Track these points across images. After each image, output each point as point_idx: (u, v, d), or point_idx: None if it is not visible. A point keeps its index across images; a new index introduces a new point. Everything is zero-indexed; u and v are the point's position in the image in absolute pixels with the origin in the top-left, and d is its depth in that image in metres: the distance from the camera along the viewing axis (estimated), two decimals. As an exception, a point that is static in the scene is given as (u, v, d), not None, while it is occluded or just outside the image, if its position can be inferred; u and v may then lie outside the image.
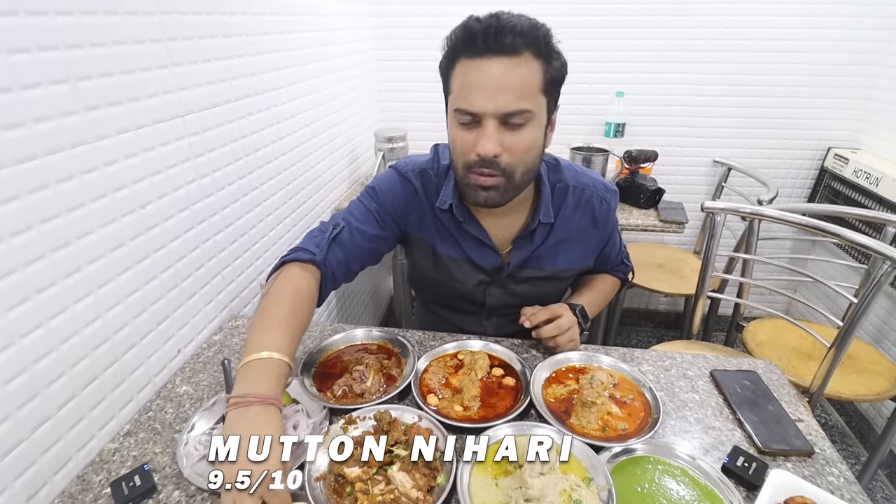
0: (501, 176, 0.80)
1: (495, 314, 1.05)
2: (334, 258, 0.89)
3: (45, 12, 0.63)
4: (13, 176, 0.60)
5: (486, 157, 0.78)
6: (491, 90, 0.74)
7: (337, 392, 0.82)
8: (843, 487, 0.67)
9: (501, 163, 0.79)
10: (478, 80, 0.75)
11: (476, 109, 0.76)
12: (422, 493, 0.63)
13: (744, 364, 0.91)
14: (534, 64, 0.76)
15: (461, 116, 0.79)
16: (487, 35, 0.73)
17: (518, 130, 0.78)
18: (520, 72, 0.75)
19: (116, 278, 0.78)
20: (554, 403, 0.80)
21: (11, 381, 0.62)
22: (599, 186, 0.99)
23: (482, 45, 0.74)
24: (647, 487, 0.65)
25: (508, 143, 0.78)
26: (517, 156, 0.79)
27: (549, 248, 0.96)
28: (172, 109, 0.87)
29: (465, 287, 1.00)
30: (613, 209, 1.01)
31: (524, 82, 0.75)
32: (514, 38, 0.73)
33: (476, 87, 0.75)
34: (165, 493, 0.67)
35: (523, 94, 0.75)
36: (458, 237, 0.96)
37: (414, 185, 0.96)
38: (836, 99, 1.93)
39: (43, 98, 0.63)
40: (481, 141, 0.77)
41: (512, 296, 1.00)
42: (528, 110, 0.76)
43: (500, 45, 0.73)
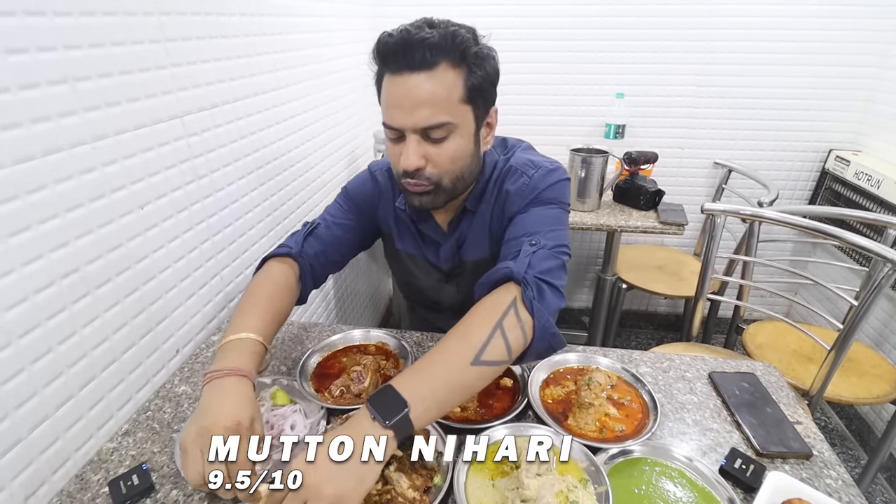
0: (428, 185, 0.81)
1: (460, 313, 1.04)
2: (311, 250, 0.92)
3: (44, 13, 0.63)
4: (11, 176, 0.60)
5: (408, 170, 0.79)
6: (408, 106, 0.75)
7: (335, 392, 0.82)
8: (841, 490, 0.67)
9: (426, 174, 0.80)
10: (396, 95, 0.76)
11: (396, 125, 0.77)
12: (418, 493, 0.63)
13: (742, 366, 0.91)
14: (451, 75, 0.75)
15: (388, 131, 0.80)
16: (398, 51, 0.73)
17: (441, 143, 0.78)
18: (436, 86, 0.74)
19: (115, 278, 0.78)
20: (551, 405, 0.79)
21: (9, 381, 0.62)
22: (522, 162, 0.91)
23: (394, 62, 0.75)
24: (644, 489, 0.65)
25: (432, 155, 0.79)
26: (442, 166, 0.80)
27: (474, 237, 0.95)
28: (171, 110, 0.87)
29: (423, 284, 1.03)
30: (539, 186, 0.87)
31: (441, 96, 0.74)
32: (425, 52, 0.72)
33: (395, 104, 0.76)
34: (163, 493, 0.67)
35: (441, 107, 0.75)
36: (416, 235, 0.99)
37: (380, 183, 1.01)
38: (837, 101, 1.92)
39: (41, 98, 0.63)
40: (403, 155, 0.78)
41: (465, 294, 1.01)
42: (446, 123, 0.76)
43: (411, 60, 0.73)
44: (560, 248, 0.79)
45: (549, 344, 0.71)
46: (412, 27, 0.75)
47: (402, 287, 1.15)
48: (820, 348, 1.23)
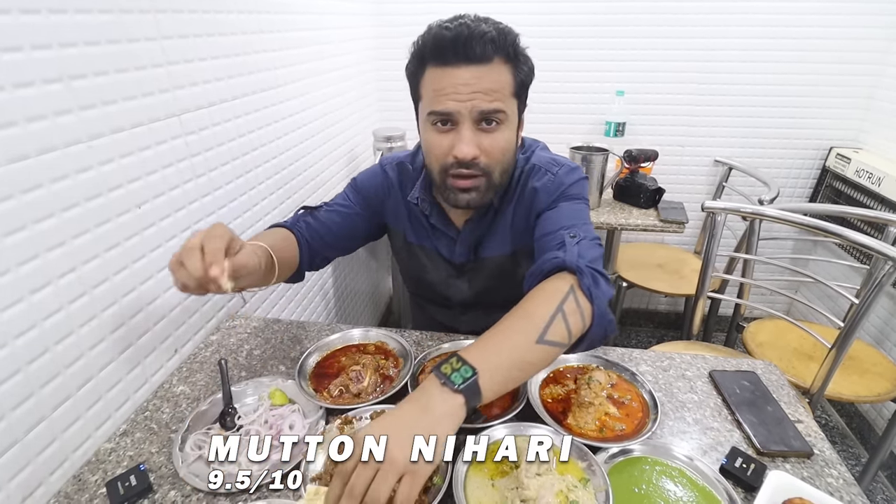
0: (481, 176, 0.81)
1: (469, 309, 1.05)
2: (307, 227, 0.96)
3: (39, 11, 0.63)
4: (6, 175, 0.60)
5: (464, 159, 0.78)
6: (466, 92, 0.75)
7: (333, 392, 0.81)
8: (842, 489, 0.66)
9: (480, 163, 0.80)
10: (452, 84, 0.76)
11: (451, 109, 0.77)
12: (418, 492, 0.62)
13: (743, 365, 0.91)
14: (504, 69, 0.77)
15: (436, 118, 0.79)
16: (457, 45, 0.74)
17: (494, 132, 0.79)
18: (492, 77, 0.76)
19: (112, 278, 0.77)
20: (551, 404, 0.79)
21: (5, 382, 0.62)
22: (545, 161, 0.93)
23: (452, 54, 0.75)
24: (644, 488, 0.65)
25: (485, 145, 0.79)
26: (494, 157, 0.81)
27: (498, 232, 0.95)
28: (168, 108, 0.87)
29: (434, 279, 1.02)
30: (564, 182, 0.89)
31: (497, 86, 0.77)
32: (485, 46, 0.74)
33: (450, 91, 0.76)
34: (161, 493, 0.67)
35: (497, 96, 0.77)
36: (428, 229, 0.98)
37: (390, 177, 1.01)
38: (838, 98, 1.91)
39: (36, 97, 0.63)
40: (459, 144, 0.78)
41: (476, 289, 1.00)
42: (502, 111, 0.78)
43: (471, 53, 0.74)
44: (597, 240, 0.81)
45: (605, 331, 0.71)
46: (468, 20, 0.75)
47: (410, 282, 1.13)
48: (821, 346, 1.23)
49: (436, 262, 1.01)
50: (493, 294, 1.01)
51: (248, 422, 0.76)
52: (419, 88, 0.82)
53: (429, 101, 0.80)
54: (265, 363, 0.92)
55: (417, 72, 0.81)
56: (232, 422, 0.76)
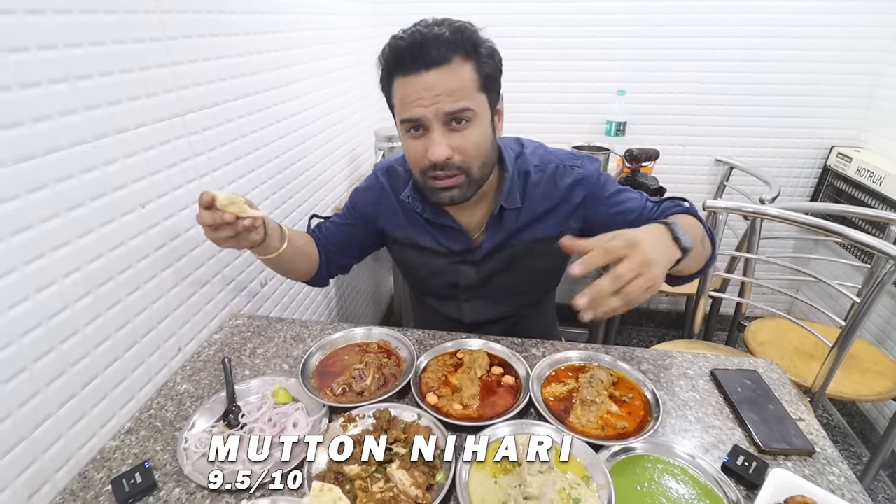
0: (459, 174, 0.83)
1: (474, 296, 1.05)
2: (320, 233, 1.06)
3: (44, 11, 0.63)
4: (12, 175, 0.61)
5: (437, 161, 0.80)
6: (429, 98, 0.77)
7: (336, 390, 0.82)
8: (843, 487, 0.67)
9: (456, 162, 0.82)
10: (416, 91, 0.78)
11: (419, 115, 0.79)
12: (421, 490, 0.63)
13: (744, 363, 0.91)
14: (465, 66, 0.79)
15: (408, 125, 0.82)
16: (413, 51, 0.76)
17: (464, 130, 0.81)
18: (453, 78, 0.77)
19: (116, 277, 0.78)
20: (553, 402, 0.79)
21: (12, 380, 0.63)
22: (565, 157, 0.98)
23: (411, 62, 0.77)
24: (646, 486, 0.65)
25: (457, 144, 0.81)
26: (469, 153, 0.82)
27: (523, 227, 0.97)
28: (172, 108, 0.87)
29: (438, 267, 1.03)
30: (593, 172, 0.96)
31: (459, 85, 0.78)
32: (439, 49, 0.76)
33: (414, 99, 0.78)
34: (166, 491, 0.67)
35: (461, 95, 0.78)
36: (424, 224, 1.00)
37: (382, 183, 1.04)
38: (839, 97, 1.91)
39: (42, 97, 0.64)
40: (431, 147, 0.80)
41: (486, 274, 1.01)
42: (469, 108, 0.79)
43: (427, 58, 0.76)
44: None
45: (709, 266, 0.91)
46: (421, 27, 0.78)
47: (413, 280, 1.13)
48: (822, 345, 1.23)
49: (438, 253, 1.02)
50: (503, 280, 1.01)
51: (251, 420, 0.76)
52: (391, 99, 0.85)
53: (399, 109, 0.82)
54: (268, 362, 0.93)
55: (386, 84, 0.84)
56: (236, 420, 0.77)
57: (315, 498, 0.59)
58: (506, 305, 1.07)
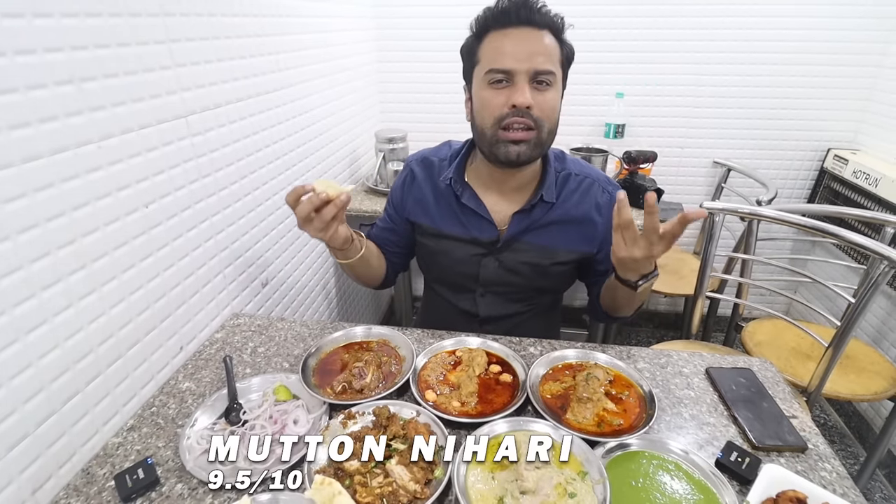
0: (533, 129, 0.88)
1: (490, 291, 1.07)
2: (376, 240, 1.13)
3: (51, 14, 0.65)
4: (19, 175, 0.62)
5: (521, 106, 0.86)
6: (524, 52, 0.85)
7: (337, 388, 0.83)
8: (835, 482, 0.68)
9: (533, 114, 0.87)
10: (511, 44, 0.86)
11: (510, 67, 0.85)
12: (419, 485, 0.64)
13: (739, 362, 0.92)
14: (554, 41, 0.89)
15: (494, 76, 0.87)
16: (519, 9, 0.85)
17: (545, 91, 0.88)
18: (546, 42, 0.87)
19: (120, 276, 0.79)
20: (550, 399, 0.80)
21: (17, 377, 0.64)
22: (602, 178, 1.04)
23: (514, 17, 0.86)
24: (641, 482, 0.66)
25: (538, 100, 0.87)
26: (545, 112, 0.89)
27: (547, 226, 1.00)
28: (175, 110, 0.88)
29: (460, 257, 1.05)
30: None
31: (550, 50, 0.87)
32: (541, 16, 0.86)
33: (509, 50, 0.86)
34: (168, 486, 0.68)
35: (550, 59, 0.87)
36: (458, 212, 1.02)
37: (414, 172, 1.08)
38: (835, 100, 1.93)
39: (49, 98, 0.65)
40: (515, 94, 0.86)
41: (506, 270, 1.03)
42: (554, 72, 0.88)
43: (529, 18, 0.86)
44: None
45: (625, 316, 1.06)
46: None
47: (433, 269, 1.14)
48: (818, 346, 1.24)
49: (464, 243, 1.03)
50: (521, 279, 1.03)
51: (253, 417, 0.77)
52: (477, 54, 0.90)
53: (488, 61, 0.88)
54: (269, 360, 0.94)
55: (475, 42, 0.90)
56: (237, 417, 0.78)
57: (316, 491, 0.60)
58: (519, 304, 1.08)
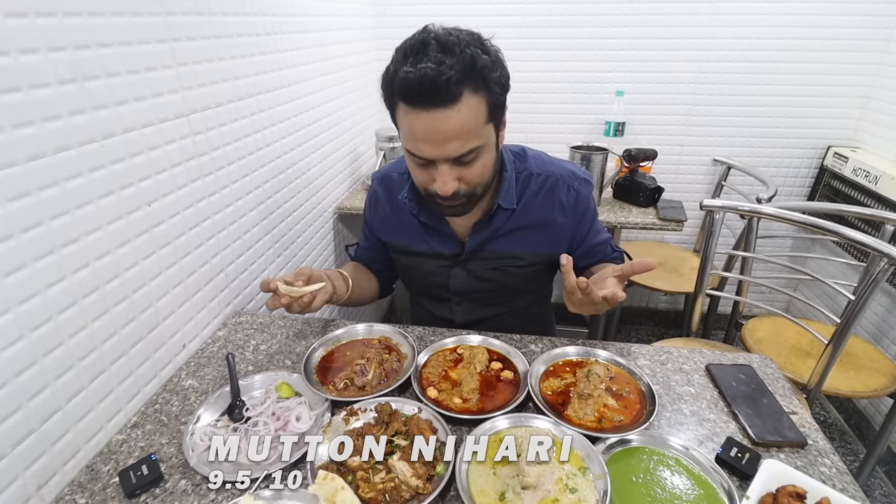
0: (465, 199, 0.86)
1: (465, 299, 1.08)
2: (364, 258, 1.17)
3: (54, 13, 0.65)
4: (23, 173, 0.62)
5: (445, 195, 0.82)
6: (437, 140, 0.76)
7: (339, 385, 0.83)
8: (834, 477, 0.68)
9: (461, 192, 0.83)
10: (421, 129, 0.76)
11: (426, 155, 0.79)
12: (421, 481, 0.64)
13: (739, 358, 0.92)
14: (474, 99, 0.75)
15: (414, 158, 0.82)
16: (423, 89, 0.72)
17: (471, 163, 0.81)
18: (462, 117, 0.74)
19: (123, 274, 0.79)
20: (551, 396, 0.81)
21: (22, 374, 0.64)
22: (566, 174, 0.99)
23: (419, 99, 0.74)
24: (641, 477, 0.67)
25: (465, 176, 0.82)
26: (473, 182, 0.84)
27: (509, 233, 0.98)
28: (177, 109, 0.89)
29: (430, 270, 1.06)
30: (585, 196, 0.99)
31: (469, 126, 0.76)
32: (450, 89, 0.72)
33: (420, 137, 0.77)
34: (172, 482, 0.69)
35: (469, 135, 0.77)
36: (419, 229, 1.02)
37: (377, 192, 1.08)
38: (836, 98, 1.93)
39: (52, 97, 0.65)
40: (438, 182, 0.81)
41: (477, 279, 1.04)
42: (476, 147, 0.79)
43: (436, 98, 0.72)
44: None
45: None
46: (431, 61, 0.72)
47: (409, 282, 1.17)
48: (818, 343, 1.24)
49: (429, 258, 1.04)
50: (492, 284, 1.04)
51: (255, 414, 0.78)
52: (395, 115, 0.81)
53: (404, 137, 0.81)
54: (271, 358, 0.94)
55: (389, 99, 0.80)
56: (240, 414, 0.78)
57: (319, 486, 0.61)
58: (497, 307, 1.09)
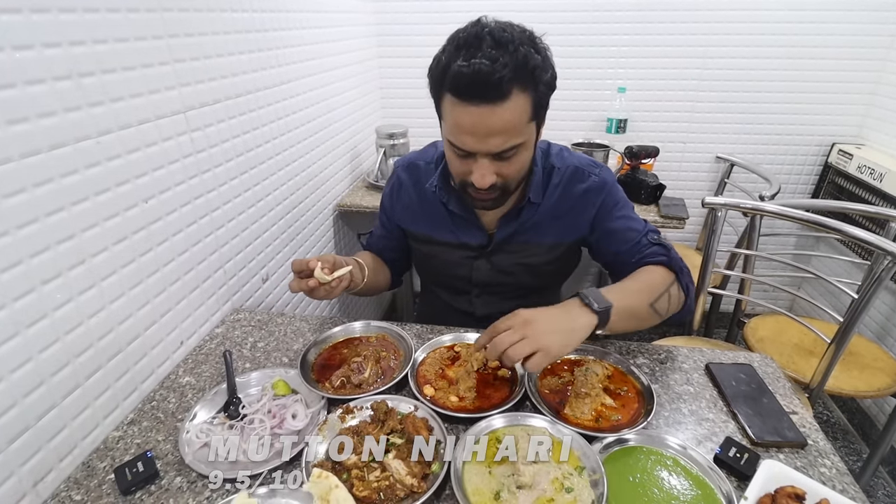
0: (499, 192, 0.86)
1: (485, 291, 1.07)
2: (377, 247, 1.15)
3: (49, 10, 0.65)
4: (18, 170, 0.62)
5: (481, 187, 0.82)
6: (481, 134, 0.76)
7: (335, 383, 0.83)
8: (834, 478, 0.67)
9: (497, 185, 0.83)
10: (467, 122, 0.76)
11: (468, 148, 0.79)
12: (416, 479, 0.64)
13: (739, 357, 0.91)
14: (521, 98, 0.75)
15: (455, 149, 0.82)
16: (475, 84, 0.72)
17: (511, 159, 0.81)
18: (508, 114, 0.74)
19: (120, 270, 0.79)
20: (549, 394, 0.80)
21: (17, 370, 0.64)
22: (586, 163, 1.00)
23: (468, 93, 0.73)
24: (638, 477, 0.66)
25: (503, 171, 0.82)
26: (510, 177, 0.84)
27: (535, 224, 0.98)
28: (173, 105, 0.88)
29: (452, 261, 1.05)
30: (609, 182, 0.98)
31: (514, 123, 0.76)
32: (501, 87, 0.72)
33: (466, 130, 0.77)
34: (168, 479, 0.69)
35: (513, 133, 0.77)
36: (447, 218, 1.01)
37: (401, 179, 1.07)
38: (840, 94, 1.91)
39: (47, 94, 0.65)
40: (476, 174, 0.81)
41: (499, 271, 1.03)
42: (518, 144, 0.79)
43: (486, 95, 0.72)
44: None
45: (683, 316, 0.95)
46: (485, 57, 0.71)
47: (428, 273, 1.16)
48: (821, 342, 1.23)
49: (454, 248, 1.03)
50: (514, 278, 1.03)
51: (251, 411, 0.78)
52: (440, 105, 0.81)
53: (447, 128, 0.81)
54: (269, 355, 0.94)
55: (437, 89, 0.80)
56: (236, 411, 0.78)
57: (313, 484, 0.61)
58: (516, 301, 1.08)
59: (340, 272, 0.87)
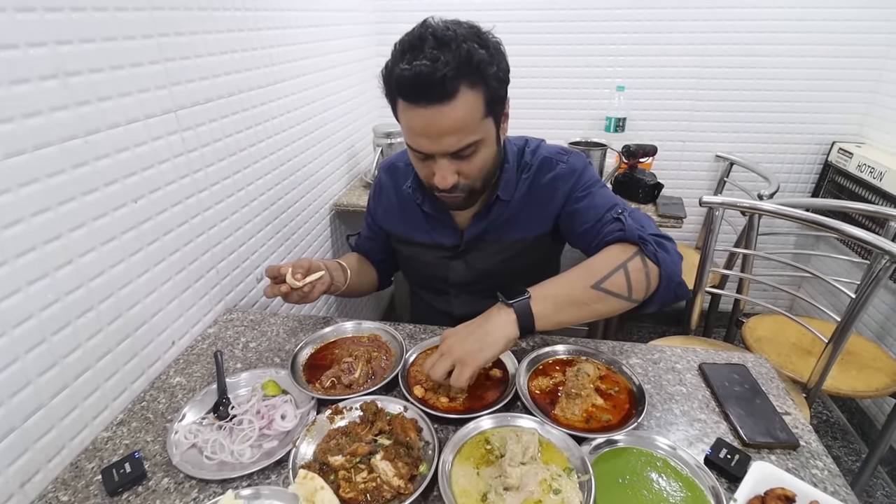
0: (466, 192, 0.86)
1: (464, 291, 1.08)
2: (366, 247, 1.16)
3: (34, 9, 0.64)
4: (4, 170, 0.62)
5: (444, 189, 0.82)
6: (434, 135, 0.77)
7: (325, 383, 0.83)
8: (826, 480, 0.67)
9: (459, 186, 0.83)
10: (418, 125, 0.77)
11: (425, 150, 0.80)
12: (404, 481, 0.63)
13: (733, 358, 0.91)
14: (471, 94, 0.75)
15: (414, 152, 0.83)
16: (418, 87, 0.72)
17: (471, 157, 0.81)
18: (459, 113, 0.74)
19: (109, 271, 0.79)
20: (539, 395, 0.80)
21: (3, 371, 0.64)
22: (555, 151, 0.98)
23: (414, 96, 0.74)
24: (628, 478, 0.66)
25: (464, 170, 0.82)
26: (473, 176, 0.84)
27: (506, 221, 0.98)
28: (164, 104, 0.88)
29: (429, 261, 1.06)
30: (578, 168, 0.95)
31: (466, 121, 0.76)
32: (444, 85, 0.71)
33: (418, 132, 0.78)
34: (155, 480, 0.68)
35: (467, 130, 0.77)
36: (422, 218, 1.02)
37: (381, 181, 1.08)
38: (840, 93, 1.90)
39: (32, 93, 0.65)
40: (437, 175, 0.82)
41: (474, 271, 1.03)
42: (475, 141, 0.79)
43: (431, 95, 0.72)
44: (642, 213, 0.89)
45: (675, 293, 0.83)
46: (426, 58, 0.71)
47: (409, 273, 1.17)
48: (820, 342, 1.22)
49: (431, 248, 1.04)
50: (492, 277, 1.03)
51: (240, 412, 0.77)
52: (395, 110, 0.81)
53: (404, 132, 0.82)
54: (261, 355, 0.94)
55: (390, 95, 0.80)
56: (225, 412, 0.78)
57: (299, 485, 0.60)
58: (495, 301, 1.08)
59: (312, 277, 0.90)
